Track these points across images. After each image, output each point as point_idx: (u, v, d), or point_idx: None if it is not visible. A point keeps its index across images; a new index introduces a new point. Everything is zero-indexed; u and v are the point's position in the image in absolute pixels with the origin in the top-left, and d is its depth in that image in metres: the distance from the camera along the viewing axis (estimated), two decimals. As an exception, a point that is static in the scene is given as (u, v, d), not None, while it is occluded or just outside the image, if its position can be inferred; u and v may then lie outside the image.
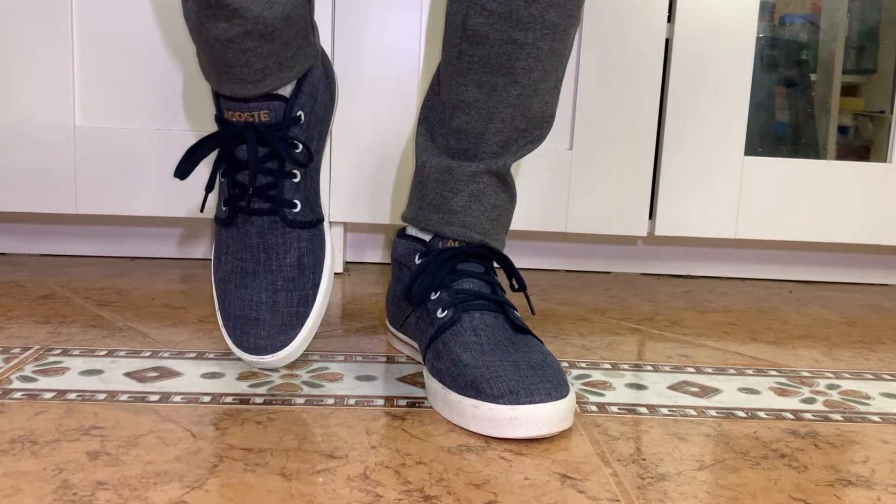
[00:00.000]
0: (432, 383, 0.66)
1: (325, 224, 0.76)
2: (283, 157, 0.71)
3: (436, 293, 0.70)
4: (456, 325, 0.67)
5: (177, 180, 1.08)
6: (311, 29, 0.75)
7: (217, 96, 0.72)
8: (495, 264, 0.74)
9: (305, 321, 0.72)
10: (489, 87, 0.70)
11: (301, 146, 0.73)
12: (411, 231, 0.77)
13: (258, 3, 0.65)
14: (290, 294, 0.72)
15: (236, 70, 0.67)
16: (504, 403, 0.59)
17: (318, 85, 0.76)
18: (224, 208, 0.74)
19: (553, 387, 0.60)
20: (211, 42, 0.67)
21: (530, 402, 0.58)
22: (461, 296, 0.69)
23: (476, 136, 0.72)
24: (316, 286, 0.74)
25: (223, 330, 0.73)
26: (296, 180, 0.73)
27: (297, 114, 0.72)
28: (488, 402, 0.59)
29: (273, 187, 0.72)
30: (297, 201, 0.73)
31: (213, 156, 0.73)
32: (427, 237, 0.75)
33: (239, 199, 0.72)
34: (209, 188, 0.73)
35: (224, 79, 0.69)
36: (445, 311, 0.68)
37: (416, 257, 0.75)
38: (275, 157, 0.72)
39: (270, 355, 0.70)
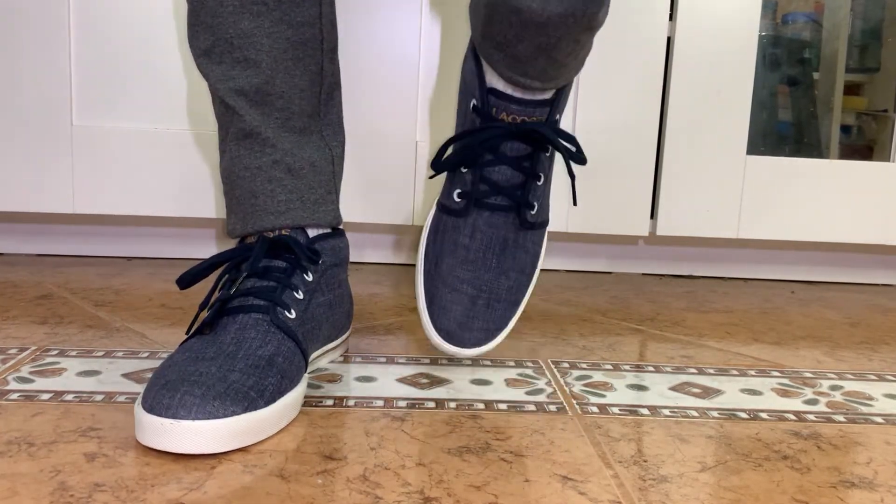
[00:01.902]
0: (423, 244, 0.76)
1: (304, 379, 0.65)
2: (296, 256, 0.67)
3: (465, 169, 0.72)
4: (463, 217, 0.72)
5: (175, 179, 1.08)
6: (335, 192, 0.75)
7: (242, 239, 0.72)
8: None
9: (256, 408, 0.57)
10: None
11: (314, 260, 0.69)
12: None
13: (289, 140, 0.70)
14: (245, 376, 0.58)
15: (261, 200, 0.69)
16: (435, 328, 0.73)
17: (339, 255, 0.73)
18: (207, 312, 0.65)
19: (492, 332, 0.73)
20: (241, 172, 0.70)
21: (459, 346, 0.72)
22: (483, 188, 0.71)
23: None
24: (279, 391, 0.59)
25: (139, 399, 0.57)
26: (298, 295, 0.66)
27: (315, 247, 0.70)
28: (430, 326, 0.73)
29: (273, 291, 0.65)
30: (293, 310, 0.65)
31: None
32: (489, 77, 0.70)
33: (231, 300, 0.65)
34: (204, 307, 0.66)
35: (249, 212, 0.70)
36: (461, 200, 0.72)
37: (472, 105, 0.72)
38: (283, 263, 0.67)
39: (186, 419, 0.53)
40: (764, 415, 0.67)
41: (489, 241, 0.73)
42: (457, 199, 0.73)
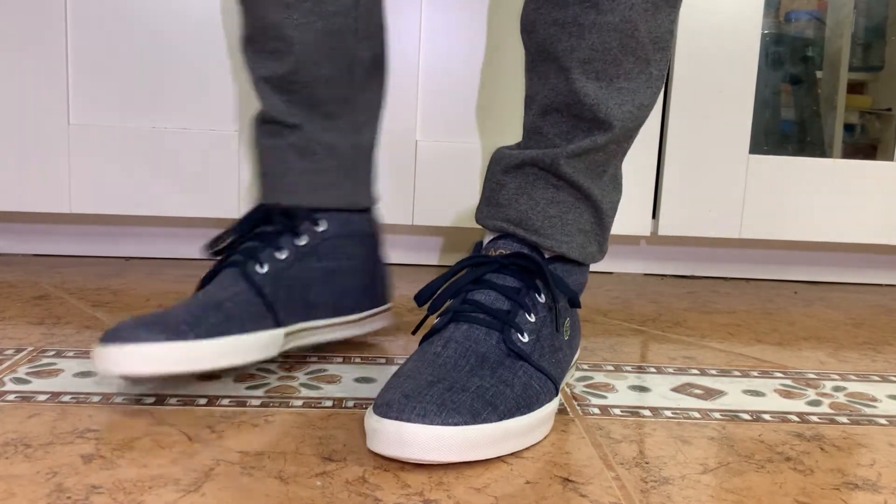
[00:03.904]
0: None
1: (272, 331, 0.70)
2: (291, 221, 0.72)
3: (451, 300, 0.64)
4: (436, 334, 0.61)
5: (172, 178, 1.08)
6: (355, 177, 0.76)
7: None
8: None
9: (184, 339, 0.62)
10: (541, 74, 0.66)
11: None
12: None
13: (310, 125, 0.72)
14: (187, 314, 0.64)
15: (271, 180, 0.74)
16: (377, 414, 0.54)
17: (349, 228, 0.75)
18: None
19: (445, 410, 0.52)
20: (261, 152, 0.74)
21: (396, 419, 0.52)
22: (465, 307, 0.61)
23: (532, 129, 0.67)
24: (219, 331, 0.65)
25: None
26: (279, 255, 0.71)
27: (317, 215, 0.73)
28: (372, 408, 0.55)
29: (254, 249, 0.70)
30: (267, 264, 0.70)
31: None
32: (489, 236, 0.68)
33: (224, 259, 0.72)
34: (214, 248, 0.72)
35: (266, 189, 0.74)
36: (440, 320, 0.62)
37: None
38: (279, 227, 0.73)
39: (114, 345, 0.60)
40: (767, 416, 0.66)
41: (464, 351, 0.59)
42: (436, 322, 0.63)
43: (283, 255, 0.70)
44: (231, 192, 1.09)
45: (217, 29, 1.07)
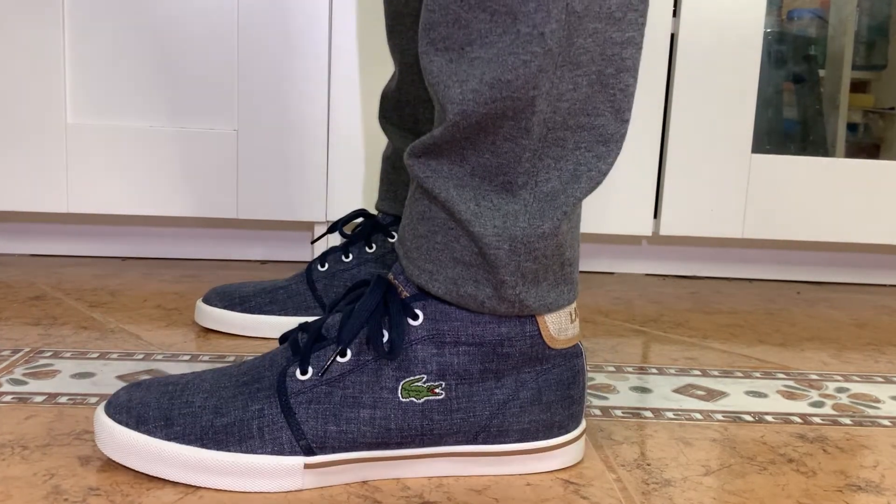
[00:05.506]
0: None
1: None
2: None
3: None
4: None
5: (169, 178, 1.08)
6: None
7: None
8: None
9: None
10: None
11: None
12: None
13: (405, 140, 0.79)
14: None
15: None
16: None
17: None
18: None
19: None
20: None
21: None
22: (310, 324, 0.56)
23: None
24: None
25: None
26: None
27: (392, 230, 0.80)
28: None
29: None
30: None
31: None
32: None
33: None
34: None
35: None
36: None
37: None
38: None
39: None
40: (769, 417, 0.66)
41: (248, 368, 0.54)
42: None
43: (347, 259, 0.80)
44: (230, 192, 1.09)
45: (216, 28, 1.06)
